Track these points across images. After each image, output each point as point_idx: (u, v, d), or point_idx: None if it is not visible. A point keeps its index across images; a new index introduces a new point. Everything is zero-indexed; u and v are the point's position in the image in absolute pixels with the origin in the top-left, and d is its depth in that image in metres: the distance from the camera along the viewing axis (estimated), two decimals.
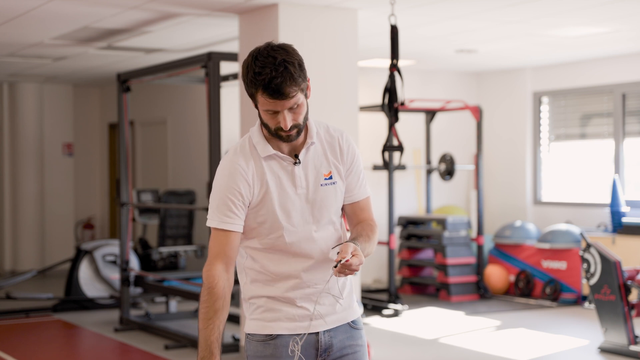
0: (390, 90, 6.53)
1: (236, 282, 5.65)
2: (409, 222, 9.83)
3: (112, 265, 9.09)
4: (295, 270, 2.58)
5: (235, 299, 7.00)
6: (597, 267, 6.67)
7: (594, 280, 6.70)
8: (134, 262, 9.05)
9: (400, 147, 6.91)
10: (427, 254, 9.82)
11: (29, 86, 12.15)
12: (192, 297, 7.23)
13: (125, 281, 8.06)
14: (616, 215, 8.76)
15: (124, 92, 8.11)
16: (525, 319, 8.20)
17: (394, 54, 6.44)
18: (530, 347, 6.99)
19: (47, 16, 6.98)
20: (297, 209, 2.58)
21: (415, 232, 9.73)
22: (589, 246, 6.77)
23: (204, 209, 5.62)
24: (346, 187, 2.66)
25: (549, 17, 7.16)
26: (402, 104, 6.56)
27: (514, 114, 10.57)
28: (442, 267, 9.27)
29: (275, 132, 2.52)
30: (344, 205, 2.68)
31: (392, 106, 6.54)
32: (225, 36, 7.97)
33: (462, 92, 10.93)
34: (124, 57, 9.35)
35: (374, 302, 8.74)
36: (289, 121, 2.48)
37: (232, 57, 6.97)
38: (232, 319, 7.34)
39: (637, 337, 6.52)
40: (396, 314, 8.42)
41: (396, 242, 9.72)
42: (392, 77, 6.49)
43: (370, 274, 10.39)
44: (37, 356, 6.93)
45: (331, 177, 2.62)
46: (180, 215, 10.11)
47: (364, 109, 9.28)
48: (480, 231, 9.52)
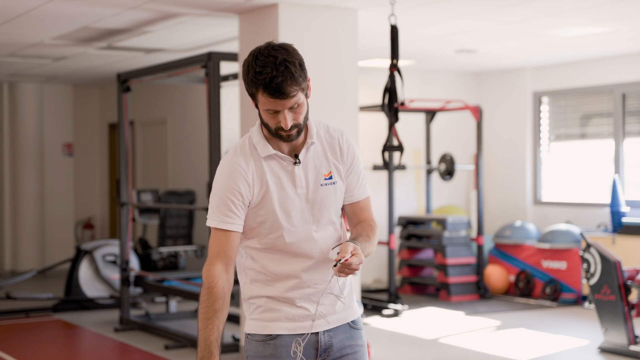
0: (390, 90, 6.53)
1: (236, 282, 5.65)
2: (409, 222, 9.83)
3: (112, 265, 9.09)
4: (295, 270, 2.58)
5: (235, 299, 7.00)
6: (597, 267, 6.67)
7: (594, 280, 6.70)
8: (134, 262, 9.05)
9: (400, 147, 6.91)
10: (427, 254, 9.81)
11: (29, 86, 12.15)
12: (192, 297, 7.23)
13: (125, 281, 8.06)
14: (616, 215, 8.76)
15: (124, 92, 8.11)
16: (525, 319, 8.20)
17: (394, 54, 6.44)
18: (530, 347, 6.99)
19: (47, 16, 6.98)
20: (297, 209, 2.57)
21: (415, 232, 9.73)
22: (589, 246, 6.77)
23: (204, 209, 5.62)
24: (346, 187, 2.66)
25: (549, 17, 7.16)
26: (402, 104, 6.56)
27: (514, 114, 10.56)
28: (442, 267, 9.27)
29: (275, 132, 2.52)
30: (344, 205, 2.68)
31: (392, 106, 6.54)
32: (225, 36, 7.97)
33: (462, 92, 10.93)
34: (124, 57, 9.35)
35: (374, 302, 8.74)
36: (289, 121, 2.48)
37: (232, 57, 6.97)
38: (232, 319, 7.33)
39: (637, 337, 6.51)
40: (396, 314, 8.42)
41: (396, 242, 9.72)
42: (392, 77, 6.49)
43: (370, 274, 10.38)
44: (37, 356, 6.93)
45: (331, 177, 2.62)
46: (180, 215, 10.11)
47: (364, 109, 9.28)
48: (480, 231, 9.51)
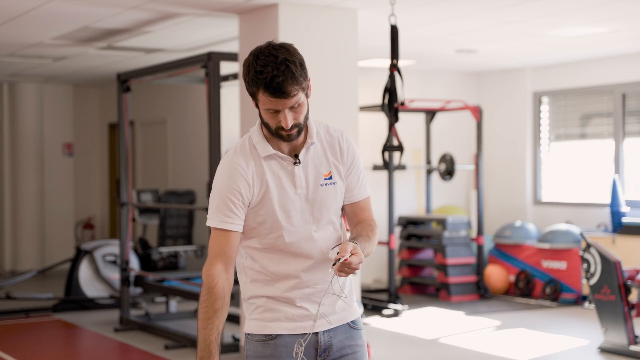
0: (390, 90, 6.53)
1: (236, 282, 5.65)
2: (409, 222, 9.83)
3: (112, 265, 9.09)
4: (294, 270, 2.58)
5: (235, 299, 7.00)
6: (597, 267, 6.67)
7: (594, 280, 6.70)
8: (134, 262, 9.05)
9: (400, 147, 6.90)
10: (427, 254, 9.81)
11: (29, 86, 12.15)
12: (192, 297, 7.23)
13: (125, 281, 8.06)
14: (616, 215, 8.76)
15: (124, 92, 8.11)
16: (525, 319, 8.19)
17: (394, 54, 6.44)
18: (530, 347, 6.99)
19: (47, 16, 6.98)
20: (297, 209, 2.57)
21: (415, 232, 9.72)
22: (589, 246, 6.77)
23: (204, 209, 5.62)
24: (346, 187, 2.66)
25: (549, 17, 7.16)
26: (402, 104, 6.56)
27: (514, 114, 10.56)
28: (442, 267, 9.27)
29: (276, 132, 2.52)
30: (344, 205, 2.68)
31: (392, 106, 6.54)
32: (225, 36, 7.97)
33: (462, 92, 10.93)
34: (124, 57, 9.35)
35: (374, 302, 8.74)
36: (289, 120, 2.48)
37: (232, 57, 6.97)
38: (232, 319, 7.33)
39: (637, 337, 6.51)
40: (396, 314, 8.42)
41: (396, 242, 9.72)
42: (392, 77, 6.49)
43: (370, 274, 10.38)
44: (37, 356, 6.93)
45: (331, 177, 2.61)
46: (180, 215, 10.11)
47: (364, 109, 9.28)
48: (480, 231, 9.51)
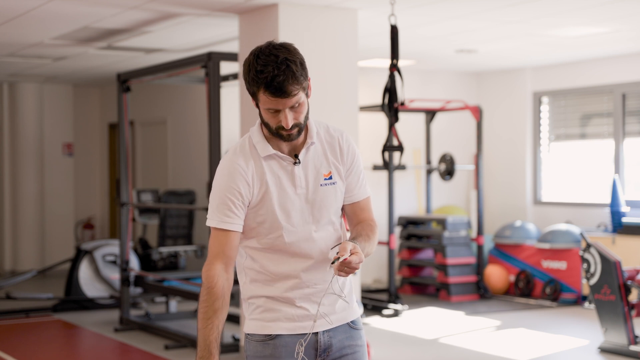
0: (390, 90, 6.53)
1: (236, 282, 5.65)
2: (409, 222, 9.83)
3: (112, 265, 9.09)
4: (294, 270, 2.58)
5: (235, 299, 7.00)
6: (597, 267, 6.67)
7: (594, 280, 6.70)
8: (134, 262, 9.05)
9: (400, 147, 6.90)
10: (427, 254, 9.81)
11: (29, 86, 12.15)
12: (192, 297, 7.23)
13: (125, 281, 8.06)
14: (616, 215, 8.75)
15: (124, 92, 8.11)
16: (525, 319, 8.19)
17: (394, 54, 6.44)
18: (530, 347, 6.99)
19: (47, 16, 6.98)
20: (297, 209, 2.57)
21: (415, 232, 9.72)
22: (589, 246, 6.76)
23: (204, 209, 5.62)
24: (346, 187, 2.66)
25: (549, 17, 7.16)
26: (402, 104, 6.56)
27: (514, 114, 10.56)
28: (442, 267, 9.27)
29: (276, 131, 2.52)
30: (344, 205, 2.67)
31: (392, 106, 6.54)
32: (225, 36, 7.97)
33: (462, 92, 10.93)
34: (124, 57, 9.35)
35: (374, 302, 8.74)
36: (290, 120, 2.48)
37: (232, 57, 6.96)
38: (232, 319, 7.33)
39: (637, 337, 6.51)
40: (396, 314, 8.42)
41: (396, 242, 9.72)
42: (392, 77, 6.49)
43: (370, 274, 10.38)
44: (37, 356, 6.93)
45: (331, 177, 2.61)
46: (180, 215, 10.11)
47: (364, 109, 9.28)
48: (480, 231, 9.51)
